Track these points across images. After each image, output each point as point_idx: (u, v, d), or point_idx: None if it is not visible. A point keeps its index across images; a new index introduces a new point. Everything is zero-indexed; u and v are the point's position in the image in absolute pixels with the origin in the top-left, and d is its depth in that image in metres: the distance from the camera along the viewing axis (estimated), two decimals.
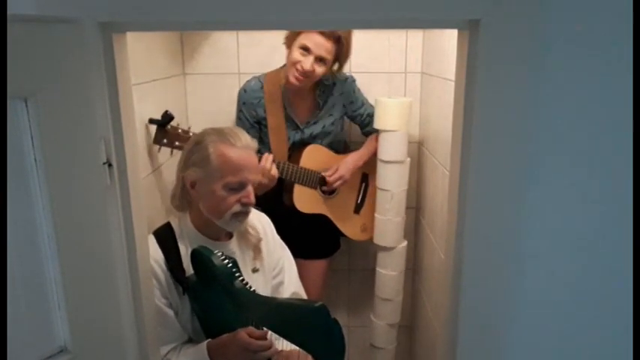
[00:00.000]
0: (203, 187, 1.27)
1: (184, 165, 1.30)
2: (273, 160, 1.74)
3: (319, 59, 1.70)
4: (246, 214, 1.30)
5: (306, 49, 1.68)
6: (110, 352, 0.90)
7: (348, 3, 0.77)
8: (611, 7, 0.77)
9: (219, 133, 1.28)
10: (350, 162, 1.91)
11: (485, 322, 0.90)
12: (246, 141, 1.29)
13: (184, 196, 1.31)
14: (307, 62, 1.68)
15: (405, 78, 2.10)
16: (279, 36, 1.86)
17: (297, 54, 1.70)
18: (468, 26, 0.81)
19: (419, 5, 0.78)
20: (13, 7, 0.69)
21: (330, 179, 1.87)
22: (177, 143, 1.58)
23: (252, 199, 1.28)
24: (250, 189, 1.28)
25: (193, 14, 0.78)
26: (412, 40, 2.05)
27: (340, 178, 1.87)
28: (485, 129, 0.81)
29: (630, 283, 0.85)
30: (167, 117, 1.57)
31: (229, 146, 1.25)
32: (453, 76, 0.93)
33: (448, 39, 1.59)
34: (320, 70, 1.72)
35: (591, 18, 0.78)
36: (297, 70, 1.71)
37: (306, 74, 1.70)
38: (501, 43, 0.78)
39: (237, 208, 1.26)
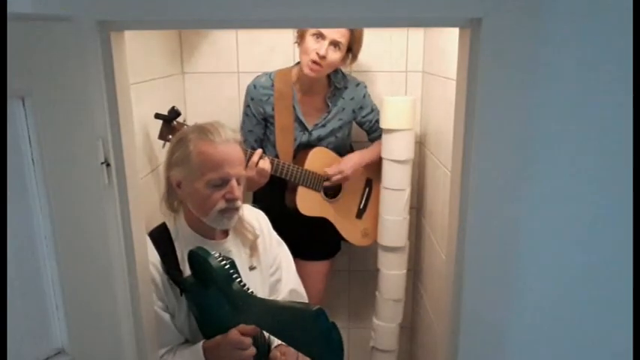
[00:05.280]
0: (187, 186, 1.25)
1: (168, 165, 1.28)
2: (284, 161, 1.72)
3: (334, 44, 1.67)
4: (233, 210, 1.27)
5: (319, 35, 1.66)
6: (108, 353, 0.89)
7: (349, 1, 0.77)
8: (612, 7, 0.77)
9: (200, 130, 1.26)
10: (353, 159, 1.90)
11: (487, 323, 0.89)
12: (226, 135, 1.26)
13: (173, 196, 1.30)
14: (322, 47, 1.65)
15: (406, 77, 2.09)
16: (278, 35, 1.85)
17: (310, 41, 1.67)
18: (469, 25, 0.80)
19: (421, 4, 0.77)
20: (9, 5, 0.68)
21: (330, 172, 1.85)
22: None
23: (236, 193, 1.25)
24: (234, 183, 1.25)
25: (192, 12, 0.77)
26: (413, 38, 2.05)
27: (340, 172, 1.85)
28: (487, 128, 0.81)
29: (630, 283, 0.85)
30: (174, 113, 1.56)
31: (209, 143, 1.23)
32: (454, 75, 0.92)
33: (449, 38, 1.58)
34: (335, 56, 1.69)
35: (592, 17, 0.77)
36: (311, 59, 1.67)
37: (320, 62, 1.66)
38: (503, 42, 0.77)
39: (222, 204, 1.24)
